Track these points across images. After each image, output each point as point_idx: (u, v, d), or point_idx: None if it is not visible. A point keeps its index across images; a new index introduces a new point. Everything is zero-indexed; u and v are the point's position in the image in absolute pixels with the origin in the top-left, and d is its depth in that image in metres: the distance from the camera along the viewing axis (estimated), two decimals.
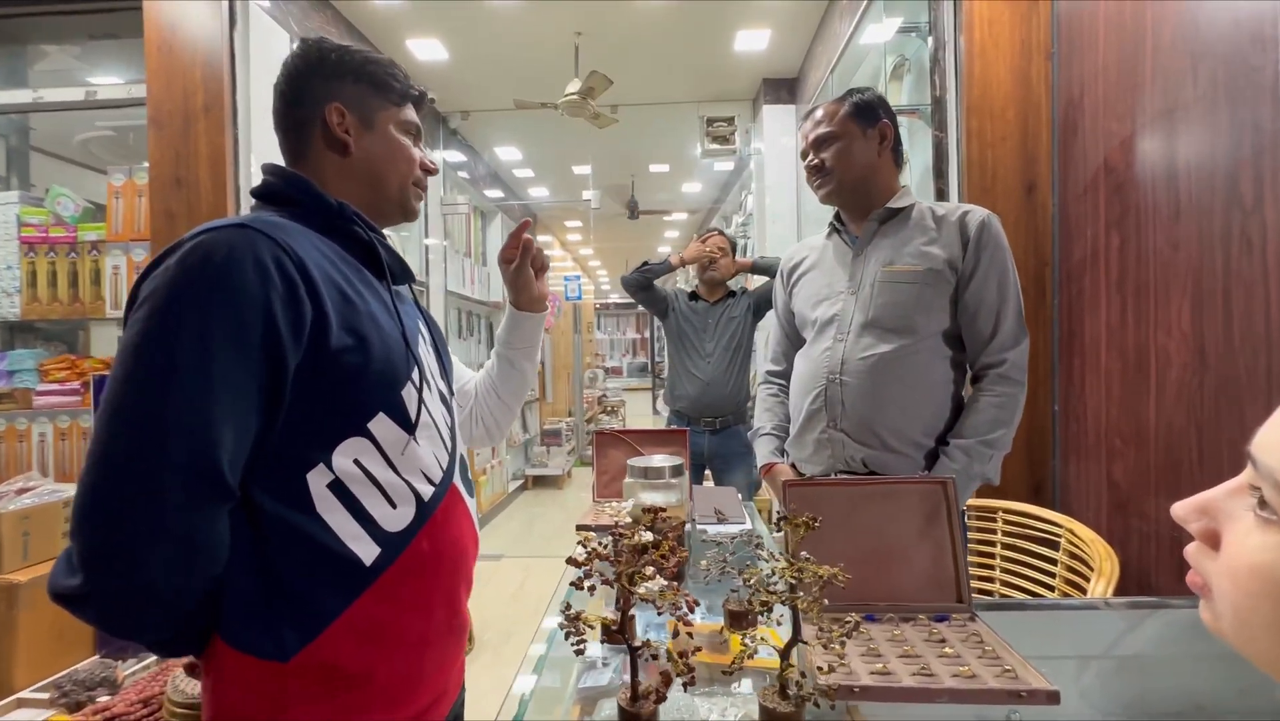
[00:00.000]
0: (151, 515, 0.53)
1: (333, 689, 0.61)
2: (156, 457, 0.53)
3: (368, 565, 0.63)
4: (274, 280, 0.57)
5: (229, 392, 0.56)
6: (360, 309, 0.65)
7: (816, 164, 1.18)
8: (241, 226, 0.59)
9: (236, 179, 1.98)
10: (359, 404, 0.64)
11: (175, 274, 0.56)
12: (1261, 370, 1.15)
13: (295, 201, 0.69)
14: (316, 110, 0.71)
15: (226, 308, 0.56)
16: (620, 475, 1.64)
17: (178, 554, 0.54)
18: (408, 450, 0.67)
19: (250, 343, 0.56)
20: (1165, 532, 1.39)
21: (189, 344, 0.54)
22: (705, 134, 3.56)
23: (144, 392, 0.54)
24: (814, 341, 1.16)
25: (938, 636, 0.80)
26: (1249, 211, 1.17)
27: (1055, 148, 1.77)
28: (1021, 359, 1.04)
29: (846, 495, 0.92)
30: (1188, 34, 1.32)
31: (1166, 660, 0.90)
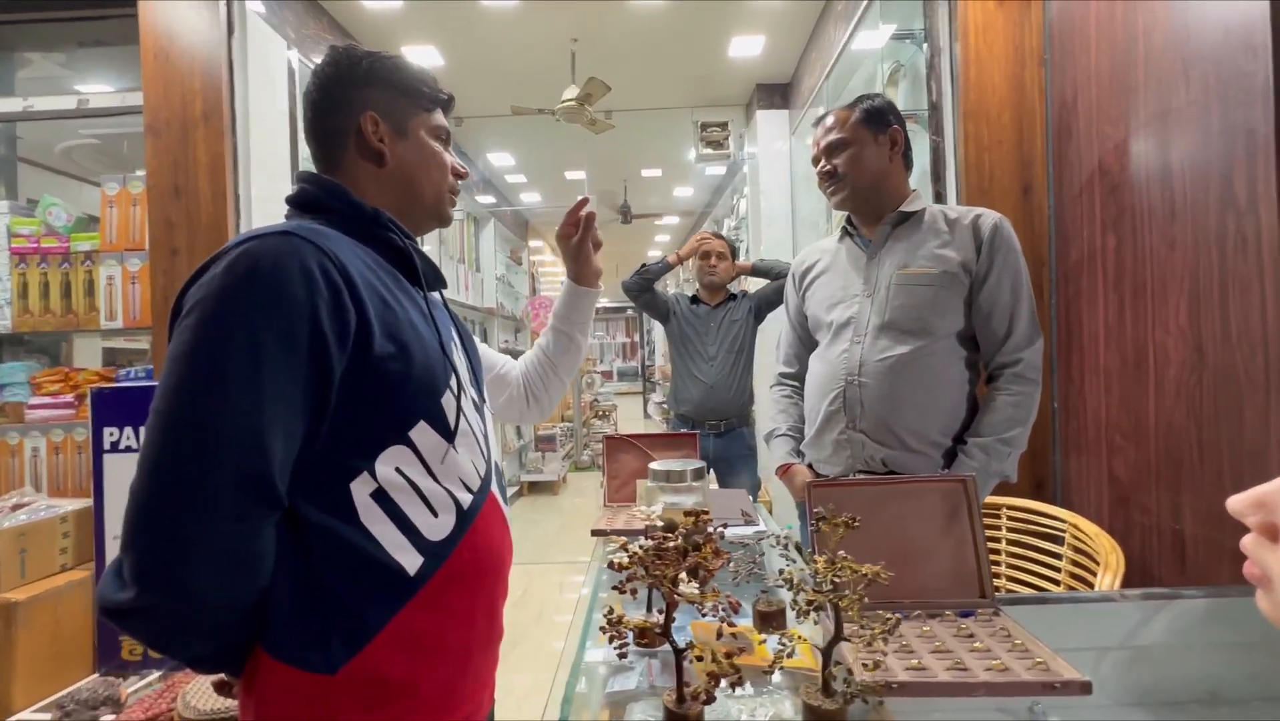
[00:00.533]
0: (205, 526, 0.52)
1: (379, 700, 0.61)
2: (208, 467, 0.53)
3: (412, 574, 0.63)
4: (320, 287, 0.58)
5: (278, 400, 0.55)
6: (400, 316, 0.65)
7: (829, 170, 1.20)
8: (286, 234, 0.59)
9: (236, 187, 1.96)
10: (401, 411, 0.64)
11: (223, 281, 0.56)
12: (1259, 366, 1.19)
13: (332, 209, 0.69)
14: (351, 119, 0.72)
15: (274, 315, 0.55)
16: (631, 479, 1.65)
17: (230, 566, 0.54)
18: (447, 458, 0.67)
19: (298, 350, 0.56)
20: (1166, 526, 1.42)
21: (239, 351, 0.54)
22: (699, 138, 3.59)
23: (194, 401, 0.54)
24: (830, 344, 1.18)
25: (966, 631, 0.81)
26: (1243, 211, 1.21)
27: (1050, 151, 1.82)
28: (1036, 358, 1.06)
29: (869, 495, 0.93)
30: (1179, 40, 1.36)
31: (1180, 649, 0.92)
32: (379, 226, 0.70)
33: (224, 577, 0.54)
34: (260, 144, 2.10)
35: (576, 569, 3.64)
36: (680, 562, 0.64)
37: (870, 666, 0.60)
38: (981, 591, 0.90)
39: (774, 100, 3.54)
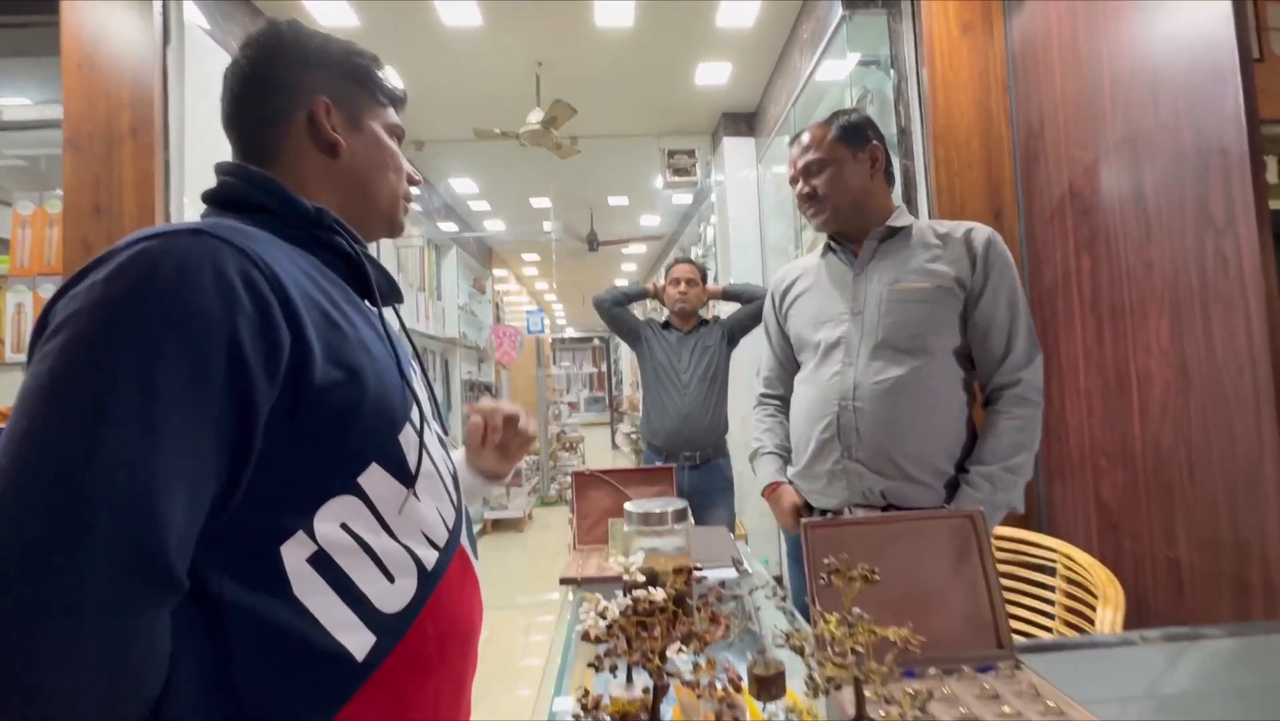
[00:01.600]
0: (70, 629, 0.38)
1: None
2: (76, 542, 0.38)
3: (360, 659, 0.49)
4: (241, 300, 0.45)
5: (179, 449, 0.42)
6: (349, 335, 0.53)
7: (808, 192, 1.13)
8: (196, 232, 0.46)
9: (167, 207, 1.80)
10: (348, 453, 0.52)
11: (107, 291, 0.42)
12: (1248, 385, 1.16)
13: (262, 207, 0.57)
14: (297, 102, 0.60)
15: (178, 336, 0.42)
16: (603, 519, 1.52)
17: (105, 679, 0.39)
18: (406, 507, 0.54)
19: (210, 382, 0.43)
20: (1160, 554, 1.38)
21: (124, 383, 0.41)
22: (666, 166, 3.58)
23: (60, 451, 0.39)
24: (819, 366, 1.10)
25: (990, 691, 0.71)
26: (1222, 230, 1.20)
27: (1018, 175, 1.82)
28: (1036, 378, 1.01)
29: (871, 535, 0.84)
30: (1145, 67, 1.38)
31: (1207, 695, 0.85)
32: (322, 229, 0.59)
33: (96, 696, 0.39)
34: (197, 163, 1.94)
35: (544, 609, 3.43)
36: (669, 633, 0.53)
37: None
38: (998, 640, 0.80)
39: (740, 128, 3.56)
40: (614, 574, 1.24)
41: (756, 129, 3.57)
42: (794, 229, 3.08)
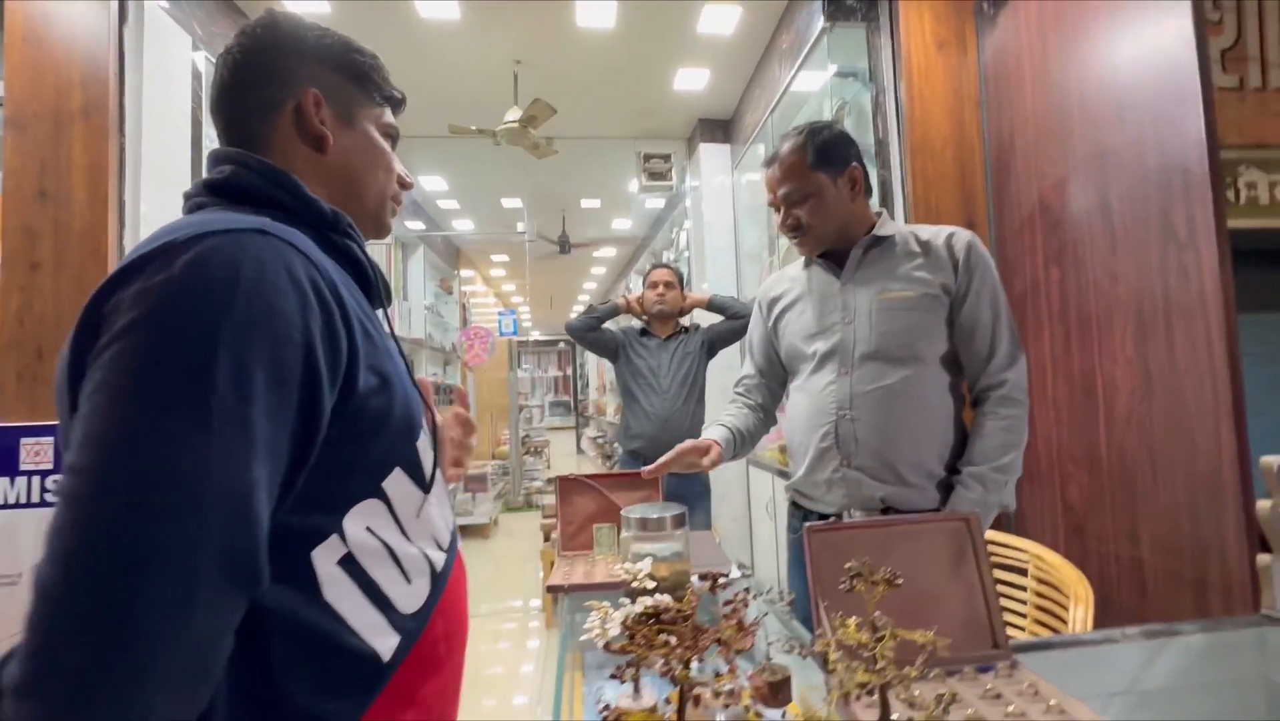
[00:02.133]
0: (180, 630, 0.38)
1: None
2: (187, 547, 0.38)
3: (386, 660, 0.50)
4: (313, 305, 0.46)
5: (268, 453, 0.42)
6: (378, 342, 0.54)
7: (792, 223, 1.12)
8: (262, 232, 0.46)
9: (121, 193, 1.69)
10: (379, 457, 0.53)
11: (184, 289, 0.41)
12: (1209, 392, 1.22)
13: (275, 203, 0.54)
14: (287, 92, 0.58)
15: (266, 339, 0.42)
16: (587, 525, 1.49)
17: (189, 688, 0.39)
18: (422, 511, 0.56)
19: (290, 386, 0.44)
20: (1125, 555, 1.44)
21: (225, 386, 0.40)
22: (642, 169, 3.58)
23: (161, 452, 0.38)
24: (812, 375, 1.10)
25: (993, 691, 0.72)
26: (1184, 245, 1.27)
27: (990, 187, 1.89)
28: (1021, 378, 1.03)
29: (871, 539, 0.85)
30: (1112, 88, 1.44)
31: (1184, 690, 0.88)
32: (338, 233, 0.57)
33: (184, 706, 0.39)
34: (154, 149, 1.84)
35: (508, 616, 3.35)
36: (696, 644, 0.51)
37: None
38: (994, 641, 0.82)
39: (716, 135, 3.59)
40: (602, 581, 1.22)
41: (733, 136, 3.61)
42: (768, 235, 3.12)
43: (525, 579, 3.94)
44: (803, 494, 1.15)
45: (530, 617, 3.21)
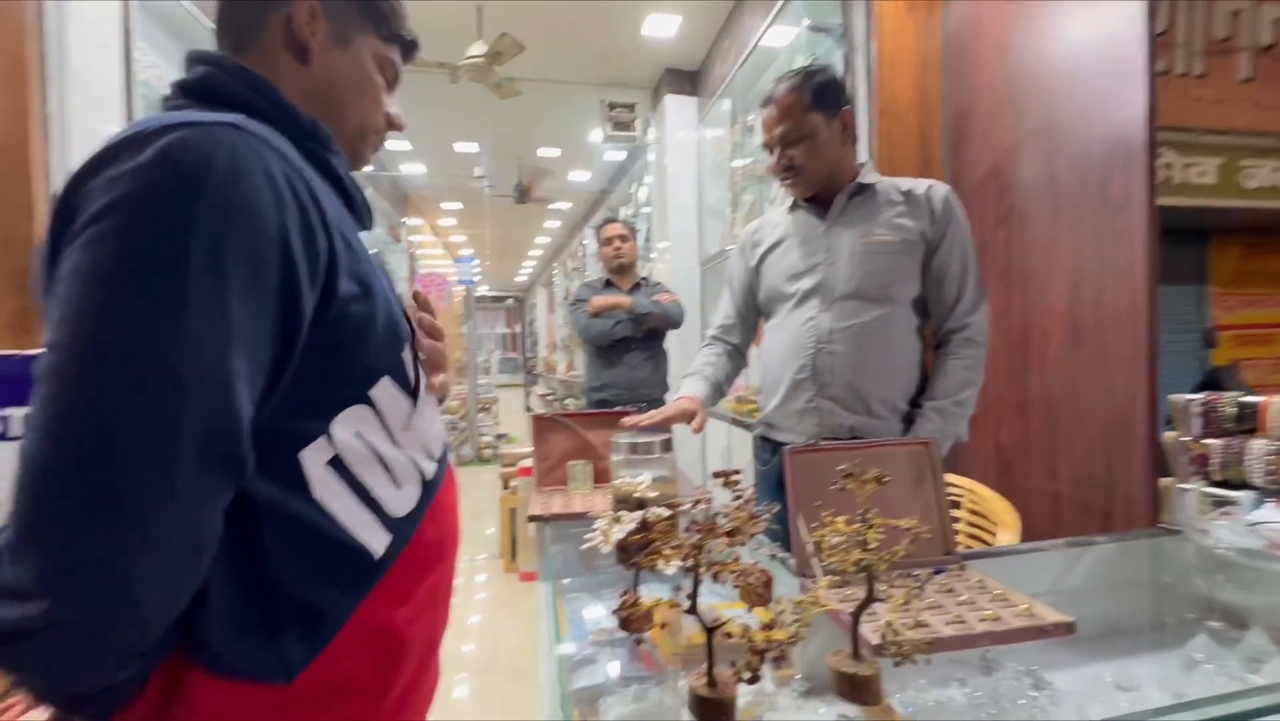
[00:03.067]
0: (156, 509, 0.39)
1: (342, 710, 0.50)
2: (166, 425, 0.39)
3: (378, 556, 0.52)
4: (288, 201, 0.45)
5: (245, 343, 0.42)
6: (359, 251, 0.54)
7: (786, 163, 1.17)
8: (235, 126, 0.44)
9: (45, 103, 1.53)
10: (364, 365, 0.53)
11: (157, 177, 0.40)
12: (1127, 343, 1.38)
13: (251, 107, 0.52)
14: (276, 1, 0.57)
15: (240, 230, 0.42)
16: (562, 461, 1.54)
17: (183, 560, 0.41)
18: (412, 421, 0.57)
19: (267, 279, 0.43)
20: (1045, 487, 1.62)
21: (199, 270, 0.40)
22: (607, 119, 3.51)
23: (140, 333, 0.39)
24: (792, 312, 1.17)
25: (946, 587, 0.83)
26: (1118, 209, 1.40)
27: (947, 152, 1.99)
28: (983, 321, 1.13)
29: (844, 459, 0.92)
30: (1064, 59, 1.54)
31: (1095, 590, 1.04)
32: (317, 142, 0.56)
33: (175, 576, 0.41)
34: (81, 55, 1.66)
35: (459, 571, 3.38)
36: (712, 529, 0.57)
37: (913, 625, 0.57)
38: (946, 549, 0.93)
39: (683, 86, 3.55)
40: (580, 510, 1.27)
41: (699, 89, 3.58)
42: (731, 192, 3.16)
43: (472, 535, 3.97)
44: (774, 425, 1.23)
45: (476, 571, 3.26)
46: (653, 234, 3.96)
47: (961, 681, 0.75)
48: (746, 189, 2.94)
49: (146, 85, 2.00)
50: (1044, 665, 0.78)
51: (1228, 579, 0.96)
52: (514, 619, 2.65)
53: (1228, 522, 0.95)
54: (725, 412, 3.02)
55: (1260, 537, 0.90)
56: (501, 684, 2.12)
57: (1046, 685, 0.75)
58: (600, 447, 1.47)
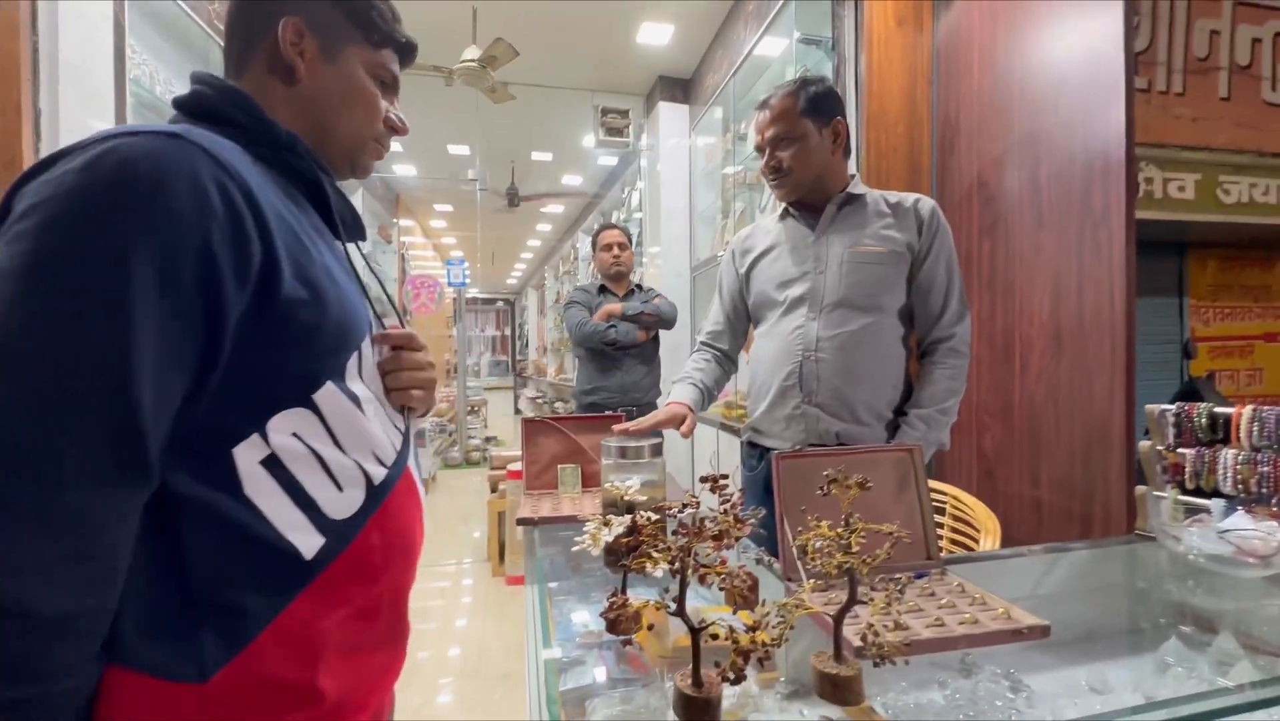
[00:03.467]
0: (49, 511, 0.40)
1: (270, 711, 0.50)
2: (59, 419, 0.40)
3: (308, 558, 0.52)
4: (214, 206, 0.46)
5: (152, 344, 0.43)
6: (314, 258, 0.55)
7: (774, 164, 1.19)
8: (173, 135, 0.47)
9: (36, 98, 1.52)
10: (306, 370, 0.54)
11: (80, 181, 0.43)
12: (1107, 351, 1.41)
13: (233, 122, 0.56)
14: (269, 22, 0.60)
15: (153, 234, 0.43)
16: (552, 464, 1.54)
17: (65, 560, 0.41)
18: (357, 425, 0.57)
19: (181, 282, 0.44)
20: (1027, 493, 1.65)
21: (104, 271, 0.42)
22: (599, 124, 3.53)
23: (39, 326, 0.40)
24: (780, 320, 1.19)
25: (928, 591, 0.85)
26: (1099, 221, 1.43)
27: (935, 162, 2.02)
28: (966, 332, 1.16)
29: (830, 465, 0.94)
30: (1049, 73, 1.58)
31: (1070, 595, 1.06)
32: (292, 153, 0.59)
33: (63, 580, 0.40)
34: (73, 52, 1.65)
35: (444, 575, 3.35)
36: (701, 531, 0.58)
37: (893, 627, 0.59)
38: (929, 554, 0.94)
39: (675, 94, 3.58)
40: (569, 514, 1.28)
41: (692, 97, 3.61)
42: (723, 200, 3.19)
43: (459, 539, 3.94)
44: (761, 431, 1.24)
45: (464, 575, 3.24)
46: (644, 239, 3.98)
47: (941, 684, 0.77)
48: (738, 196, 2.96)
49: (138, 82, 1.99)
50: (1021, 668, 0.80)
51: (1199, 584, 0.99)
52: (501, 622, 2.64)
53: (1199, 530, 0.98)
54: (714, 417, 3.04)
55: (1229, 544, 0.92)
56: (488, 688, 2.12)
57: (1023, 687, 0.76)
58: (590, 451, 1.48)
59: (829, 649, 0.62)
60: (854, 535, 0.60)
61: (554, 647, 0.87)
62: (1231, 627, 0.87)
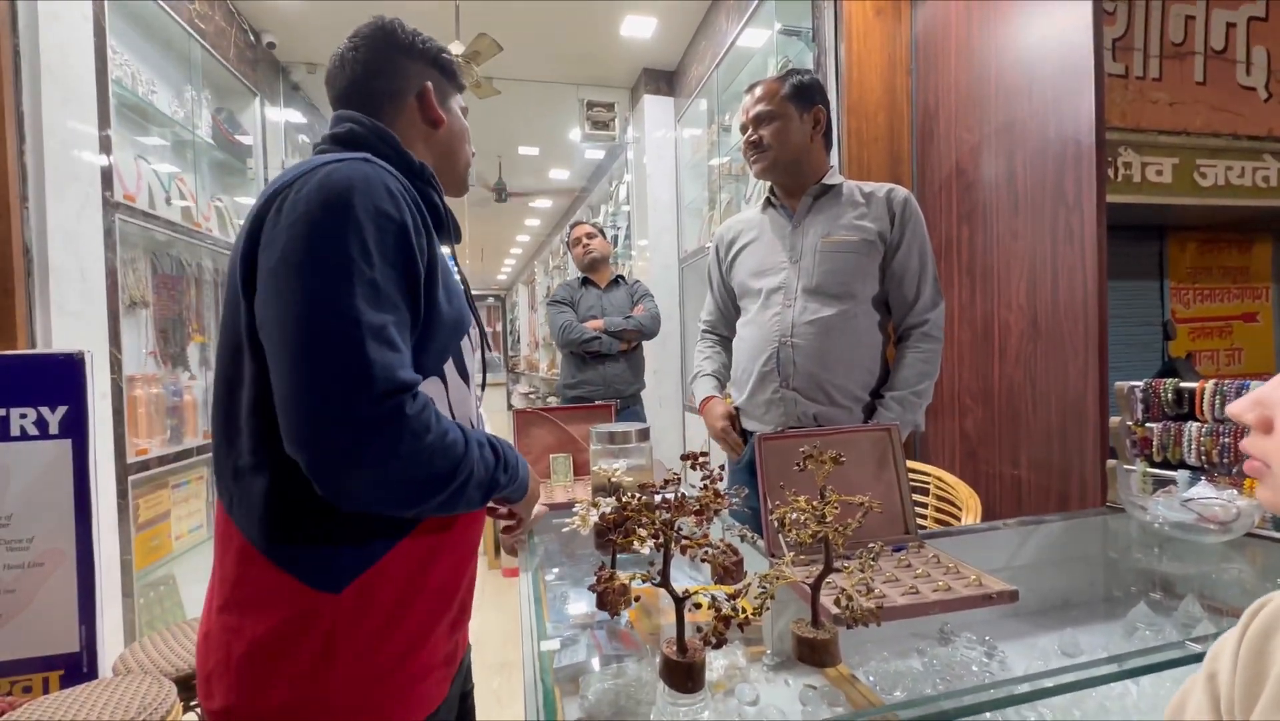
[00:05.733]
0: (381, 433, 0.57)
1: (384, 617, 0.63)
2: (355, 331, 0.56)
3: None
4: (406, 207, 0.62)
5: (391, 303, 0.59)
6: (439, 257, 0.69)
7: (755, 139, 1.23)
8: (367, 160, 0.63)
9: (19, 103, 1.52)
10: (441, 345, 0.67)
11: (322, 193, 0.58)
12: (1080, 334, 1.45)
13: (379, 153, 0.70)
14: (409, 85, 0.77)
15: (376, 226, 0.59)
16: (544, 455, 1.57)
17: (402, 463, 0.58)
18: (463, 397, 0.71)
19: (396, 259, 0.60)
20: (1007, 472, 1.69)
21: (358, 257, 0.57)
22: (585, 118, 3.53)
23: (329, 299, 0.56)
24: (760, 309, 1.23)
25: (905, 562, 0.88)
26: (1071, 207, 1.47)
27: (915, 150, 2.06)
28: (940, 318, 1.19)
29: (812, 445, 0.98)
30: (1023, 61, 1.61)
31: (1045, 564, 1.10)
32: (423, 180, 0.74)
33: (397, 468, 0.58)
34: (54, 54, 1.65)
35: None
36: (682, 506, 0.61)
37: (866, 593, 0.62)
38: (906, 528, 0.98)
39: (660, 87, 3.59)
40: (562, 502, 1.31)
41: (677, 89, 3.62)
42: (709, 191, 3.21)
43: None
44: (744, 414, 1.28)
45: None
46: (633, 232, 3.99)
47: (921, 652, 0.81)
48: (724, 187, 2.99)
49: (120, 83, 1.98)
50: (997, 635, 0.83)
51: (1165, 552, 1.03)
52: (500, 613, 2.68)
53: (1164, 499, 1.02)
54: None
55: (1192, 512, 0.96)
56: (487, 676, 2.15)
57: (997, 653, 0.80)
58: (581, 440, 1.51)
59: (809, 616, 0.65)
60: (828, 506, 0.63)
61: (549, 627, 0.91)
62: (1195, 591, 0.91)
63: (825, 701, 0.65)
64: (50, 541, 1.33)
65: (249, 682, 0.59)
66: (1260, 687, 0.32)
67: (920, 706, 0.56)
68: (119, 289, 1.86)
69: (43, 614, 1.33)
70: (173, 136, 2.43)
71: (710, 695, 0.65)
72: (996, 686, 0.59)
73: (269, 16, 2.96)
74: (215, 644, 0.62)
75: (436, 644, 0.68)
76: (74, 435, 1.34)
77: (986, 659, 0.81)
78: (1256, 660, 0.33)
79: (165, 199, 2.27)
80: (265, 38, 3.06)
